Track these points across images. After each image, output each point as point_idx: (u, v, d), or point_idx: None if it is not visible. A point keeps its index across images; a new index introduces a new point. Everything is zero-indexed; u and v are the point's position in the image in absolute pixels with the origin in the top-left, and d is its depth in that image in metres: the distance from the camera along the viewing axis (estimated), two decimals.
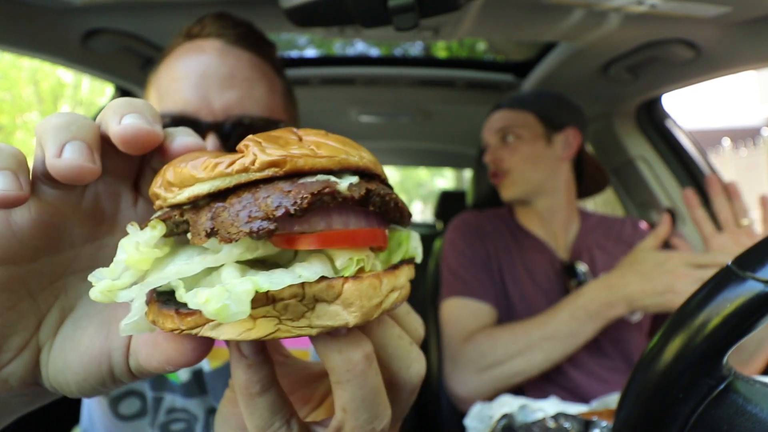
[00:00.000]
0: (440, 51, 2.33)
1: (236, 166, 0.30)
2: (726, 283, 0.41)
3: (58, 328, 0.37)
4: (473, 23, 1.25)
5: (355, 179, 0.31)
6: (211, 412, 0.97)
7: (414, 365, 0.37)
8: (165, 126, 0.87)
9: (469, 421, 1.03)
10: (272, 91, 0.90)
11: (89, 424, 1.03)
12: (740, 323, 0.39)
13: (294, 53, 2.11)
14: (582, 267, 1.41)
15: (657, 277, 1.12)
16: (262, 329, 0.29)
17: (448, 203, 3.11)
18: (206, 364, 0.95)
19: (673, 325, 0.43)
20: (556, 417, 0.81)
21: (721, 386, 0.41)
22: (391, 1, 0.81)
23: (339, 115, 2.36)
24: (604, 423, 0.77)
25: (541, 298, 1.40)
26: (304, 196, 0.28)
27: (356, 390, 0.31)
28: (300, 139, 0.33)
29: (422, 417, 1.66)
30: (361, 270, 0.32)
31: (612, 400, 0.99)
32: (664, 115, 1.82)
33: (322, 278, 0.30)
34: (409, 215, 0.36)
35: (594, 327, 1.18)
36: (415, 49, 2.29)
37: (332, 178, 0.30)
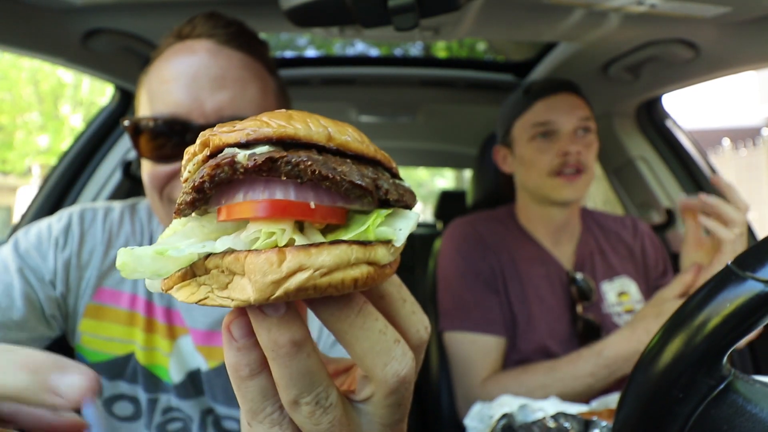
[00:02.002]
0: (440, 51, 2.33)
1: (191, 149, 0.35)
2: (726, 283, 0.41)
3: None
4: (473, 23, 1.25)
5: (263, 149, 0.31)
6: (207, 413, 0.96)
7: (392, 364, 0.35)
8: (157, 128, 0.83)
9: (469, 421, 1.03)
10: (265, 90, 0.89)
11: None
12: (740, 323, 0.39)
13: (294, 53, 2.11)
14: (579, 275, 1.38)
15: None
16: (199, 294, 0.32)
17: (448, 203, 3.12)
18: (204, 364, 0.94)
19: (673, 325, 0.43)
20: (556, 417, 0.81)
21: (721, 386, 0.41)
22: (391, 1, 0.81)
23: (339, 115, 2.36)
24: (604, 423, 0.77)
25: (549, 316, 1.35)
26: (205, 170, 0.31)
27: (282, 369, 0.33)
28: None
29: (422, 417, 1.66)
30: (276, 244, 0.31)
31: (612, 400, 0.99)
32: (664, 115, 1.82)
33: (232, 251, 0.31)
34: (359, 188, 0.32)
35: (614, 379, 1.13)
36: (415, 49, 2.29)
37: (236, 150, 0.31)
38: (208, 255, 0.32)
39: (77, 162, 1.67)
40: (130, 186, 1.73)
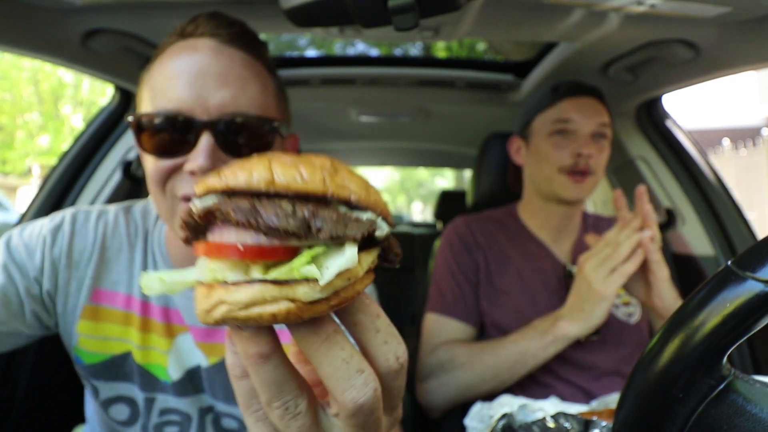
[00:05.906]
0: (440, 51, 2.34)
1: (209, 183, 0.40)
2: (726, 283, 0.41)
3: None
4: (473, 23, 1.25)
5: (208, 200, 0.36)
6: (206, 411, 0.96)
7: (350, 392, 0.37)
8: (161, 123, 0.85)
9: (469, 421, 1.03)
10: (265, 89, 0.90)
11: (91, 425, 1.03)
12: (740, 323, 0.39)
13: (294, 53, 2.11)
14: (574, 269, 1.40)
15: (581, 286, 1.18)
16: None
17: (448, 203, 3.12)
18: (204, 360, 0.94)
19: (672, 324, 0.43)
20: (556, 417, 0.81)
21: (721, 386, 0.40)
22: (391, 1, 0.81)
23: (339, 115, 2.36)
24: (604, 423, 0.77)
25: (540, 306, 1.37)
26: (182, 215, 0.39)
27: (254, 375, 0.38)
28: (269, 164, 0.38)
29: (422, 417, 1.66)
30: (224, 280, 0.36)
31: (612, 400, 0.99)
32: (664, 115, 1.82)
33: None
34: (280, 231, 0.34)
35: (542, 343, 1.19)
36: (415, 49, 2.30)
37: (195, 201, 0.37)
38: None
39: (77, 162, 1.67)
40: (130, 186, 1.73)
